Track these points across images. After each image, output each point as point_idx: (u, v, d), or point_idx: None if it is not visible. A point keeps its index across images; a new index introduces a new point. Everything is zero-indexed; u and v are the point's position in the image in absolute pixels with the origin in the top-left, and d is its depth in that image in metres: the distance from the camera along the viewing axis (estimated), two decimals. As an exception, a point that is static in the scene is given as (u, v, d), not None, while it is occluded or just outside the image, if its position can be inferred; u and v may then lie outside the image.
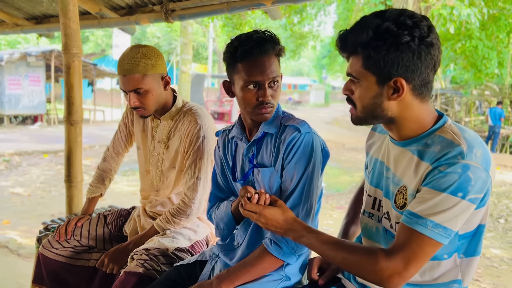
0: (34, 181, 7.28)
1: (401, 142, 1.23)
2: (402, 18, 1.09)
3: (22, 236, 4.53)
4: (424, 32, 1.09)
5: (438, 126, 1.18)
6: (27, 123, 15.96)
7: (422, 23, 1.10)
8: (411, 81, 1.13)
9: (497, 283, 3.96)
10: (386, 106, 1.17)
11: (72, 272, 2.03)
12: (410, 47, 1.09)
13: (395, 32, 1.08)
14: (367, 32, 1.11)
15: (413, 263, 1.11)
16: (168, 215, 1.92)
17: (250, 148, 1.58)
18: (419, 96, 1.16)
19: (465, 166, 1.07)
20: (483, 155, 1.10)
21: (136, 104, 1.85)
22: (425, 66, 1.11)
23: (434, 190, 1.09)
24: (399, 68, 1.11)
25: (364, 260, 1.15)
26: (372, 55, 1.12)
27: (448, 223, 1.09)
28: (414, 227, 1.11)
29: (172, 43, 30.39)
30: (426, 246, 1.10)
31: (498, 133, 14.17)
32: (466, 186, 1.07)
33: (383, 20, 1.10)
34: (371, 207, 1.37)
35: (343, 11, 17.52)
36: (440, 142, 1.14)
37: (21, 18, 3.73)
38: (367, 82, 1.16)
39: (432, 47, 1.11)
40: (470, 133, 1.15)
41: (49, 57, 15.13)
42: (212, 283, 1.45)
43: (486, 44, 12.68)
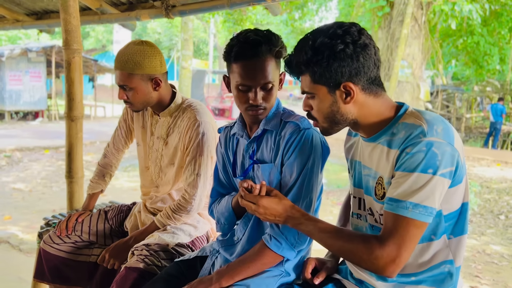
0: (35, 177, 7.29)
1: (371, 138, 1.30)
2: (332, 30, 1.19)
3: (23, 231, 4.54)
4: (355, 37, 1.18)
5: (400, 114, 1.25)
6: (28, 119, 15.97)
7: (351, 29, 1.19)
8: (358, 82, 1.21)
9: (497, 279, 3.97)
10: (344, 111, 1.25)
11: (73, 268, 2.04)
12: (346, 53, 1.17)
13: (329, 43, 1.17)
14: (305, 52, 1.21)
15: (404, 247, 1.15)
16: (168, 211, 1.93)
17: (250, 145, 1.58)
18: (371, 93, 1.24)
19: (428, 143, 1.12)
20: (444, 130, 1.15)
21: (124, 98, 1.89)
22: (366, 66, 1.19)
23: (406, 172, 1.15)
24: (344, 73, 1.19)
25: (360, 248, 1.19)
26: (316, 70, 1.21)
27: (427, 201, 1.13)
28: (397, 211, 1.15)
29: (173, 39, 30.34)
30: (411, 228, 1.14)
31: (500, 130, 14.14)
32: (434, 161, 1.12)
33: (315, 37, 1.20)
34: (358, 208, 1.41)
35: (345, 6, 17.47)
36: (403, 128, 1.20)
37: (21, 14, 3.72)
38: (320, 94, 1.24)
39: (367, 48, 1.19)
40: (431, 114, 1.21)
41: (49, 52, 15.12)
42: (212, 279, 1.46)
43: (487, 40, 12.66)
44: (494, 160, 10.82)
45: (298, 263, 1.55)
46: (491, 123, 14.20)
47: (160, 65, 1.88)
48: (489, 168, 9.88)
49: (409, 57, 9.27)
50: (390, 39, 8.95)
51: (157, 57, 1.86)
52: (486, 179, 8.48)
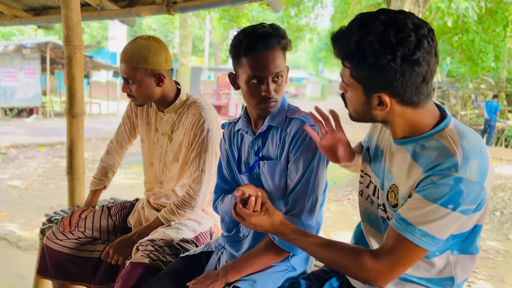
0: (31, 174, 7.26)
1: (398, 141, 1.22)
2: (388, 32, 1.03)
3: (21, 228, 4.53)
4: (408, 51, 1.02)
5: (438, 129, 1.14)
6: (22, 115, 15.86)
7: (409, 38, 1.02)
8: (396, 95, 1.09)
9: (493, 274, 4.01)
10: (375, 114, 1.16)
11: (76, 263, 2.05)
12: (391, 67, 1.03)
13: (376, 50, 1.03)
14: (349, 46, 1.07)
15: (398, 267, 1.14)
16: (173, 207, 1.93)
17: (255, 141, 1.59)
18: (410, 105, 1.12)
19: (458, 179, 1.05)
20: (479, 168, 1.07)
21: (127, 91, 1.90)
22: (411, 82, 1.06)
23: (426, 199, 1.09)
24: (381, 84, 1.08)
25: (351, 261, 1.19)
26: (354, 69, 1.10)
27: (437, 233, 1.10)
28: (403, 233, 1.12)
29: (168, 35, 30.21)
30: (412, 252, 1.13)
31: (494, 127, 14.23)
32: (457, 198, 1.06)
33: (367, 33, 1.04)
34: (373, 194, 1.36)
35: (340, 3, 17.45)
36: (437, 148, 1.11)
37: (19, 10, 3.69)
38: (355, 90, 1.15)
39: (417, 65, 1.04)
40: (470, 139, 1.11)
41: (44, 49, 15.01)
42: (219, 274, 1.47)
43: (482, 37, 12.70)
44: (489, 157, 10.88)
45: (304, 258, 1.57)
46: (486, 120, 14.28)
47: (165, 61, 1.88)
48: (484, 165, 9.93)
49: (406, 54, 9.24)
50: (387, 36, 8.92)
51: (163, 53, 1.87)
52: (481, 176, 8.52)
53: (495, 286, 3.78)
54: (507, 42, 14.90)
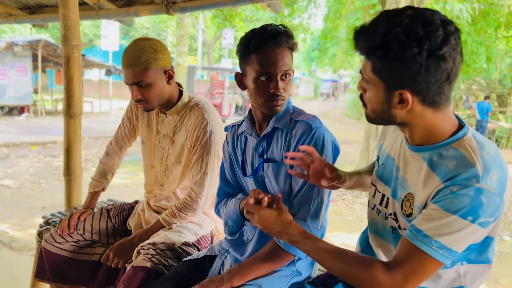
0: (23, 173, 7.18)
1: (415, 147, 1.18)
2: (415, 25, 1.00)
3: (14, 229, 4.47)
4: (435, 45, 1.00)
5: (456, 138, 1.11)
6: (13, 114, 15.70)
7: (437, 32, 1.00)
8: (419, 93, 1.06)
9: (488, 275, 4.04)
10: (394, 113, 1.12)
11: (75, 267, 2.02)
12: (416, 61, 1.01)
13: (403, 42, 1.00)
14: (374, 38, 1.04)
15: (413, 280, 1.10)
16: (174, 210, 1.92)
17: (260, 143, 1.58)
18: (431, 106, 1.09)
19: (479, 190, 1.02)
20: (499, 179, 1.05)
21: (138, 97, 1.84)
22: (435, 79, 1.03)
23: (444, 210, 1.05)
24: (405, 80, 1.04)
25: (362, 272, 1.13)
26: (378, 63, 1.07)
27: (454, 245, 1.06)
28: (418, 244, 1.08)
29: (161, 34, 30.09)
30: (428, 265, 1.08)
31: (486, 127, 14.38)
32: (477, 210, 1.03)
33: (394, 25, 1.02)
34: (379, 203, 1.34)
35: (334, 4, 17.49)
36: (455, 158, 1.08)
37: (14, 8, 3.65)
38: (376, 87, 1.11)
39: (443, 61, 1.01)
40: (490, 150, 1.08)
41: (36, 47, 14.86)
42: (223, 278, 1.45)
43: (475, 39, 12.80)
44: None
45: (309, 262, 1.56)
46: (477, 121, 14.42)
47: (170, 58, 1.88)
48: (476, 166, 10.00)
49: (400, 55, 9.30)
50: (381, 37, 8.97)
51: (167, 50, 1.86)
52: (473, 177, 8.58)
53: (490, 287, 3.81)
54: (499, 44, 15.04)
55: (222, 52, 30.19)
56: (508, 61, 18.74)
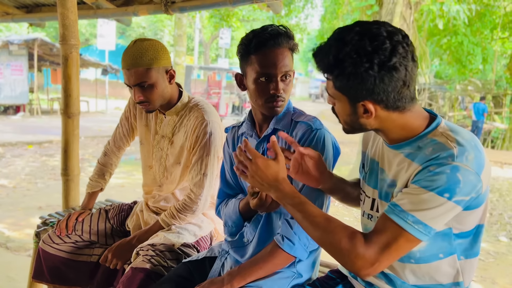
0: (19, 173, 7.14)
1: (394, 146, 1.23)
2: (363, 42, 1.07)
3: (9, 229, 4.44)
4: (384, 57, 1.06)
5: (430, 129, 1.17)
6: (9, 113, 15.60)
7: (384, 45, 1.06)
8: (379, 102, 1.12)
9: (485, 276, 4.06)
10: (363, 122, 1.18)
11: (73, 268, 2.01)
12: (369, 75, 1.07)
13: (354, 60, 1.07)
14: (328, 58, 1.11)
15: (387, 254, 1.11)
16: (173, 211, 1.90)
17: (260, 144, 1.57)
18: (396, 110, 1.14)
19: (455, 167, 1.06)
20: (476, 158, 1.08)
21: (141, 98, 1.82)
22: (391, 87, 1.09)
23: (421, 187, 1.09)
24: (364, 92, 1.10)
25: (343, 241, 1.13)
26: (336, 80, 1.13)
27: (430, 221, 1.09)
28: (394, 218, 1.11)
29: (158, 33, 30.01)
30: (401, 239, 1.10)
31: (481, 128, 14.42)
32: (454, 187, 1.06)
33: (343, 45, 1.08)
34: (370, 209, 1.36)
35: (330, 4, 17.51)
36: (432, 145, 1.13)
37: (11, 7, 3.62)
38: (341, 101, 1.17)
39: (395, 70, 1.07)
40: (464, 135, 1.13)
41: (32, 45, 14.77)
42: (224, 280, 1.45)
43: (471, 40, 12.87)
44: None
45: (310, 264, 1.55)
46: (473, 121, 14.47)
47: (170, 57, 1.88)
48: (472, 166, 10.04)
49: (397, 56, 9.31)
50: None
51: (167, 50, 1.86)
52: (469, 177, 8.61)
53: (487, 287, 3.82)
54: (495, 45, 15.12)
55: (219, 52, 30.17)
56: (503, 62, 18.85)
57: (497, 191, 7.53)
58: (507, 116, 17.43)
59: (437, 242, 1.20)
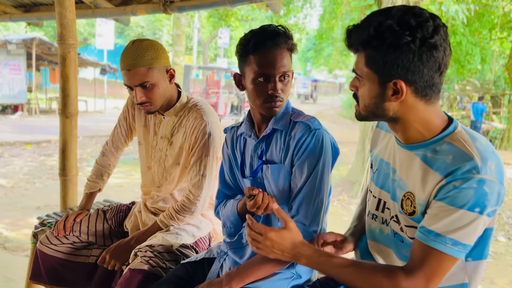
0: (17, 173, 7.12)
1: (407, 146, 1.20)
2: (407, 17, 1.06)
3: (7, 229, 4.43)
4: (427, 34, 1.05)
5: (448, 132, 1.14)
6: (7, 112, 15.58)
7: (427, 23, 1.06)
8: (412, 83, 1.09)
9: (484, 276, 4.01)
10: (387, 107, 1.14)
11: (71, 269, 2.00)
12: (410, 48, 1.05)
13: (396, 32, 1.05)
14: (368, 30, 1.09)
15: (434, 280, 1.10)
16: (172, 212, 1.89)
17: (259, 144, 1.56)
18: (423, 98, 1.12)
19: (481, 180, 1.04)
20: (497, 167, 1.07)
21: (143, 99, 1.80)
22: (427, 68, 1.07)
23: (450, 206, 1.07)
24: (399, 69, 1.08)
25: (385, 282, 1.12)
26: (372, 54, 1.10)
27: (467, 239, 1.08)
28: (433, 245, 1.09)
29: (156, 33, 29.98)
30: (445, 263, 1.09)
31: (480, 128, 14.43)
32: (483, 201, 1.05)
33: (386, 18, 1.07)
34: (375, 209, 1.35)
35: (329, 4, 17.52)
36: (451, 152, 1.10)
37: (9, 6, 3.60)
38: (369, 81, 1.14)
39: (435, 49, 1.06)
40: (482, 141, 1.11)
41: (30, 45, 14.74)
42: (222, 281, 1.44)
43: (469, 40, 12.86)
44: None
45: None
46: (472, 121, 14.48)
47: (168, 57, 1.87)
48: (471, 166, 10.04)
49: (396, 56, 9.33)
50: (377, 38, 8.99)
51: (165, 49, 1.85)
52: (468, 177, 8.61)
53: (486, 287, 3.82)
54: (493, 45, 15.13)
55: (218, 52, 30.14)
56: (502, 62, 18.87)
57: (495, 191, 7.54)
58: (506, 116, 17.46)
59: None
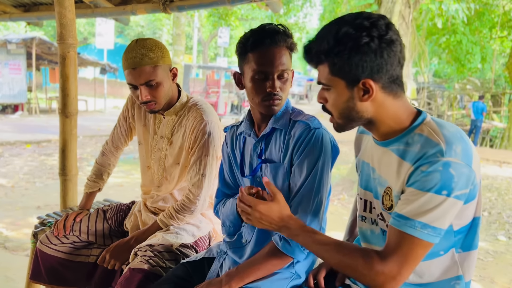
0: (18, 172, 7.12)
1: (383, 142, 1.25)
2: (359, 20, 1.11)
3: (7, 228, 4.43)
4: (382, 31, 1.11)
5: (417, 123, 1.19)
6: (7, 112, 15.57)
7: (379, 22, 1.11)
8: (378, 80, 1.14)
9: (484, 275, 4.05)
10: (360, 108, 1.18)
11: (71, 268, 2.00)
12: (370, 48, 1.10)
13: (354, 35, 1.10)
14: (327, 40, 1.14)
15: (406, 266, 1.12)
16: (172, 211, 1.89)
17: (258, 144, 1.57)
18: (390, 93, 1.17)
19: (446, 163, 1.07)
20: (464, 150, 1.10)
21: (148, 98, 1.80)
22: (389, 63, 1.13)
23: (419, 190, 1.10)
24: (364, 69, 1.12)
25: (360, 263, 1.15)
26: (336, 61, 1.14)
27: (437, 222, 1.10)
28: (404, 229, 1.11)
29: (156, 32, 29.96)
30: (417, 247, 1.11)
31: (480, 127, 14.43)
32: (449, 183, 1.07)
33: (341, 26, 1.12)
34: (363, 210, 1.38)
35: (329, 3, 17.51)
36: (420, 141, 1.14)
37: (8, 5, 3.59)
38: (337, 87, 1.18)
39: (393, 44, 1.12)
40: (450, 128, 1.15)
41: (30, 44, 14.73)
42: (222, 281, 1.44)
43: (470, 39, 12.87)
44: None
45: (309, 266, 1.54)
46: (472, 120, 14.48)
47: (170, 56, 1.87)
48: (471, 165, 10.04)
49: (396, 55, 9.32)
50: (377, 37, 8.99)
51: (167, 48, 1.85)
52: (468, 176, 8.60)
53: (486, 287, 3.82)
54: (493, 44, 15.12)
55: (218, 51, 30.12)
56: (502, 61, 18.86)
57: (495, 190, 7.53)
58: (506, 115, 17.45)
59: (440, 241, 1.19)
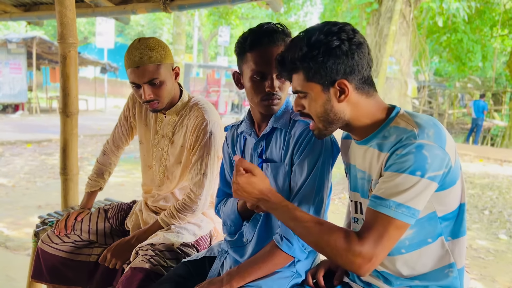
0: (18, 172, 7.12)
1: (362, 141, 1.30)
2: (327, 27, 1.19)
3: (8, 228, 4.43)
4: (350, 34, 1.18)
5: (391, 117, 1.25)
6: (7, 111, 15.59)
7: (346, 27, 1.19)
8: (351, 80, 1.20)
9: (485, 274, 4.05)
10: (337, 109, 1.23)
11: (72, 267, 2.00)
12: (342, 50, 1.17)
13: (325, 40, 1.17)
14: (300, 47, 1.20)
15: (381, 246, 1.14)
16: (173, 210, 1.90)
17: (259, 143, 1.57)
18: (363, 93, 1.23)
19: (419, 145, 1.12)
20: (436, 134, 1.14)
21: (151, 96, 1.80)
22: (360, 64, 1.19)
23: (394, 172, 1.14)
24: (339, 71, 1.19)
25: (340, 242, 1.15)
26: (311, 66, 1.20)
27: (411, 202, 1.13)
28: (379, 209, 1.15)
29: (156, 32, 29.95)
30: (391, 227, 1.14)
31: (481, 126, 14.42)
32: (423, 164, 1.11)
33: (311, 34, 1.19)
34: (355, 212, 1.40)
35: (330, 1, 17.50)
36: (395, 132, 1.20)
37: (9, 5, 3.59)
38: (314, 92, 1.23)
39: (361, 46, 1.19)
40: (422, 117, 1.21)
41: (30, 44, 14.75)
42: (223, 280, 1.44)
43: (470, 37, 12.85)
44: (477, 156, 11.00)
45: (309, 265, 1.55)
46: (473, 119, 14.46)
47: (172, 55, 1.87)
48: (472, 164, 10.06)
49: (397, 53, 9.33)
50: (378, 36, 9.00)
51: (169, 47, 1.86)
52: (469, 175, 8.63)
53: (487, 285, 3.82)
54: (494, 42, 15.10)
55: (218, 50, 30.10)
56: (503, 60, 18.84)
57: (496, 189, 7.52)
58: (507, 114, 17.44)
59: (424, 228, 1.23)
